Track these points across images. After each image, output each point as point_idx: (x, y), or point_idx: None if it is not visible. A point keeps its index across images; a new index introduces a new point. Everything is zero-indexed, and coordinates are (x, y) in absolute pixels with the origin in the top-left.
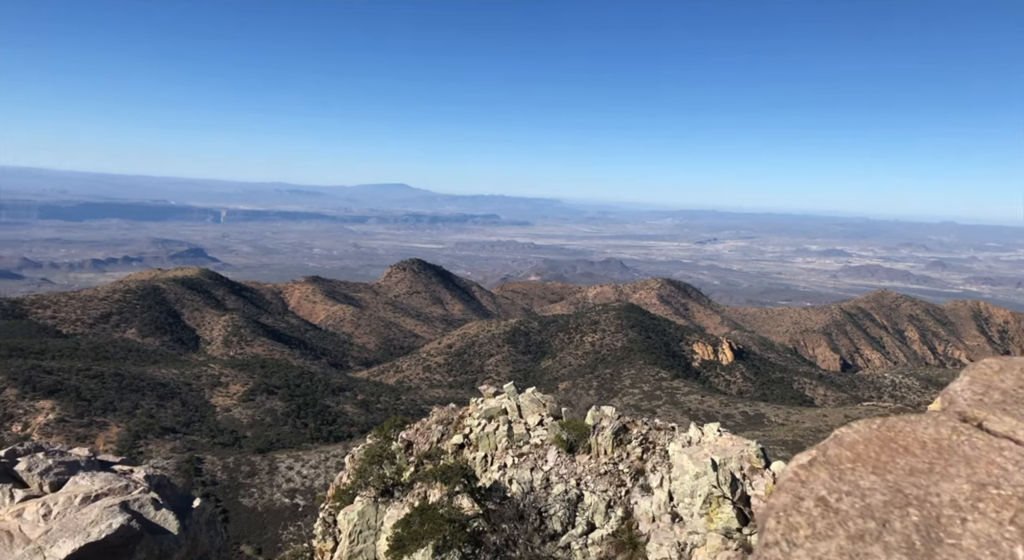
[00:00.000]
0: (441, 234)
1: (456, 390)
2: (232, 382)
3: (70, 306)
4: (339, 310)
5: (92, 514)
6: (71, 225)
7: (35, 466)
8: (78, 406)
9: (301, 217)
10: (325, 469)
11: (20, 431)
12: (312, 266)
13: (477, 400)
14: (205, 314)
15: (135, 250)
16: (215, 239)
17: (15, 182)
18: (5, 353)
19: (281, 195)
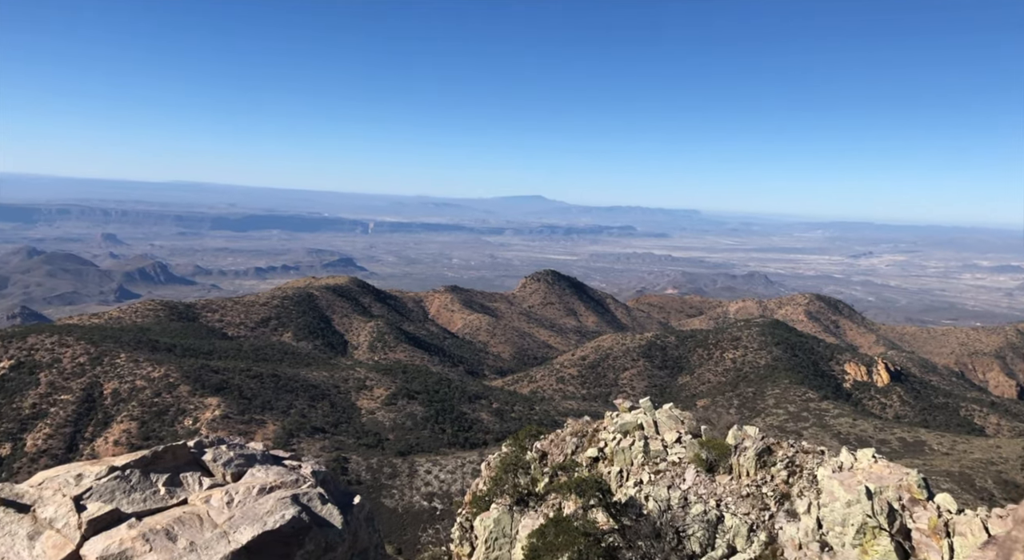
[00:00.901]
0: (575, 245)
1: (589, 403)
2: (376, 386)
3: (235, 311)
4: (476, 319)
5: (268, 505)
6: (238, 236)
7: (219, 457)
8: (240, 404)
9: (442, 229)
10: (462, 474)
11: (191, 425)
12: (451, 276)
13: (612, 414)
14: (353, 320)
15: (292, 259)
16: (363, 249)
17: (192, 196)
18: (180, 353)
19: (424, 207)
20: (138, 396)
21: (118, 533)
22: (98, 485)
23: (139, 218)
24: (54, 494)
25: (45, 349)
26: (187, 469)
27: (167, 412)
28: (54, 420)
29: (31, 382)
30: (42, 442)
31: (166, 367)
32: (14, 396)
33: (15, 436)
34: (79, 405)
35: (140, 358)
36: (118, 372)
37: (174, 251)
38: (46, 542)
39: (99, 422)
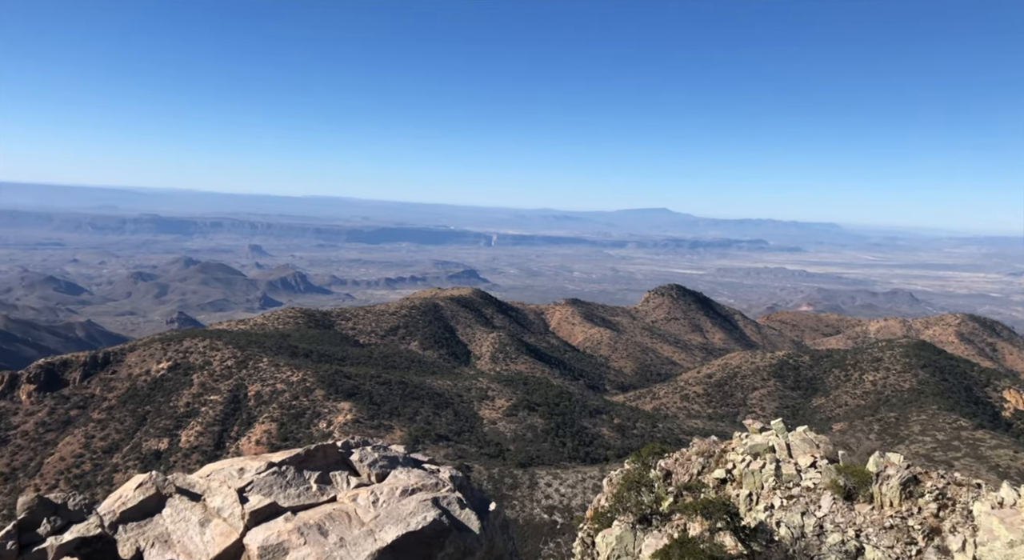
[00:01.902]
0: (702, 259)
1: (716, 422)
2: (498, 396)
3: (366, 319)
4: (596, 333)
5: (410, 506)
6: (370, 248)
7: (365, 458)
8: (370, 409)
9: (563, 241)
10: (583, 489)
11: (324, 428)
12: (572, 289)
13: (741, 435)
14: (476, 331)
15: (420, 270)
16: (486, 261)
17: (330, 210)
18: (316, 358)
19: (546, 220)
20: (278, 399)
21: (276, 525)
22: (258, 479)
23: (282, 231)
24: (220, 485)
25: (198, 352)
26: (336, 468)
27: (303, 415)
28: (204, 418)
29: (186, 382)
30: (194, 439)
31: (303, 372)
32: (171, 395)
33: (171, 432)
34: (226, 405)
35: (280, 363)
36: (261, 375)
37: (313, 262)
38: (214, 529)
39: (243, 422)
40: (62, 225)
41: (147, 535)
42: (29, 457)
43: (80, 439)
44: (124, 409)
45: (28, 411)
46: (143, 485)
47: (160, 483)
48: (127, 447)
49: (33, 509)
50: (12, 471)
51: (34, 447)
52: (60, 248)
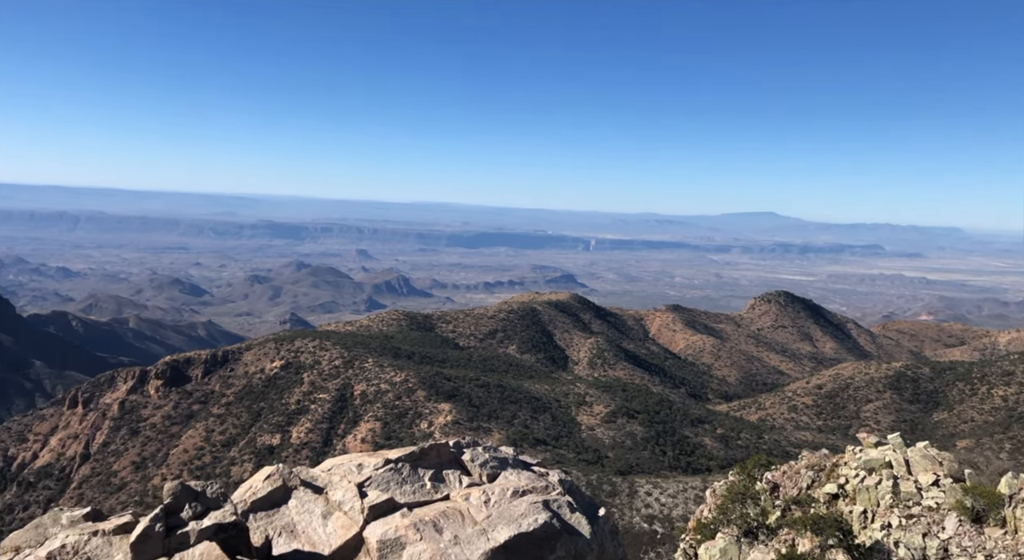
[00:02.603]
0: (812, 265)
1: (826, 435)
2: (596, 403)
3: (465, 322)
4: (699, 340)
5: (521, 507)
6: (470, 252)
7: (476, 458)
8: (469, 411)
9: (664, 246)
10: (684, 499)
11: (426, 428)
12: (672, 295)
13: (854, 449)
14: (573, 336)
15: (518, 275)
16: (584, 266)
17: (432, 215)
18: (418, 360)
19: (648, 225)
20: (382, 398)
21: (393, 520)
22: (376, 475)
23: (387, 236)
24: (341, 480)
25: (308, 352)
26: (448, 467)
27: (406, 415)
28: (314, 416)
29: (297, 381)
30: (304, 435)
31: (406, 373)
32: (283, 392)
33: (283, 428)
34: (334, 404)
35: (384, 363)
36: (366, 375)
37: (415, 266)
38: (336, 522)
39: (349, 420)
40: (187, 230)
41: (275, 524)
42: (157, 448)
43: (201, 432)
44: (240, 405)
45: (156, 405)
46: (271, 477)
47: (286, 475)
48: (243, 441)
49: (177, 495)
50: (143, 460)
51: (161, 439)
52: (185, 252)
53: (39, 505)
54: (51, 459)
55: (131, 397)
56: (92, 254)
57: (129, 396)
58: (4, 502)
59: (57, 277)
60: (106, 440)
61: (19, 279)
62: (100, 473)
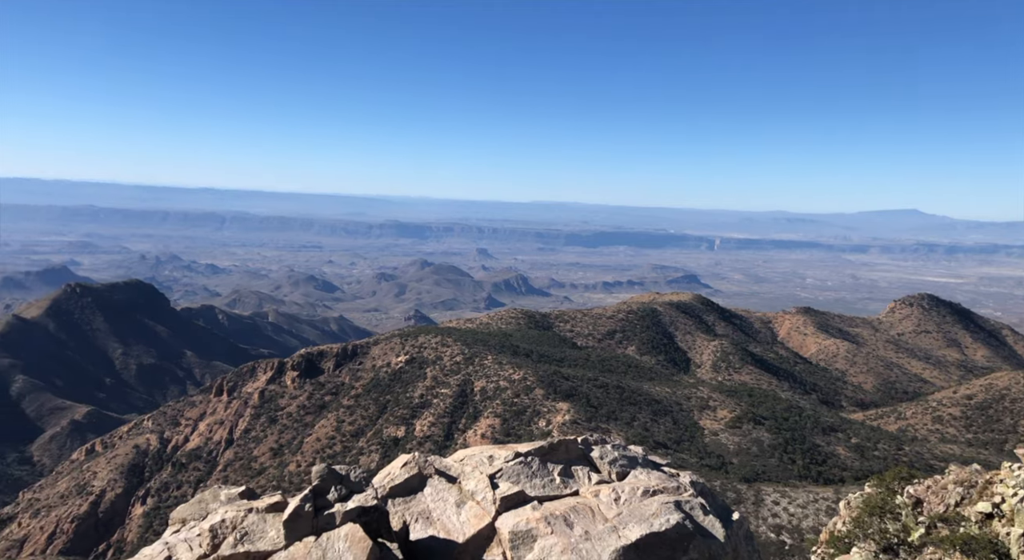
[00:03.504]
0: (960, 267)
1: (976, 449)
2: (720, 407)
3: (584, 322)
4: (832, 344)
5: (652, 507)
6: (588, 251)
7: (605, 455)
8: (587, 411)
9: (795, 246)
10: (814, 510)
11: (544, 427)
12: (804, 296)
13: (1012, 465)
14: (696, 338)
15: (637, 275)
16: (708, 266)
17: (551, 215)
18: (536, 358)
19: (777, 223)
20: (501, 395)
21: (524, 513)
22: (506, 467)
23: (506, 235)
24: (473, 470)
25: (431, 348)
26: (577, 463)
27: (524, 412)
28: (436, 410)
29: (420, 376)
30: (427, 428)
31: (524, 370)
32: (408, 386)
33: (408, 421)
34: (455, 399)
35: (503, 361)
36: (485, 372)
37: (534, 265)
38: (469, 511)
39: (470, 416)
40: (321, 230)
41: (411, 510)
42: (292, 436)
43: (332, 423)
44: (368, 397)
45: (292, 395)
46: (407, 464)
47: (422, 464)
48: (370, 432)
49: (324, 477)
50: (280, 447)
51: (296, 427)
52: (319, 250)
53: (190, 485)
54: (200, 443)
55: (270, 387)
56: (237, 252)
57: (268, 386)
58: (161, 480)
59: (206, 273)
60: (247, 427)
61: (173, 275)
62: (242, 457)
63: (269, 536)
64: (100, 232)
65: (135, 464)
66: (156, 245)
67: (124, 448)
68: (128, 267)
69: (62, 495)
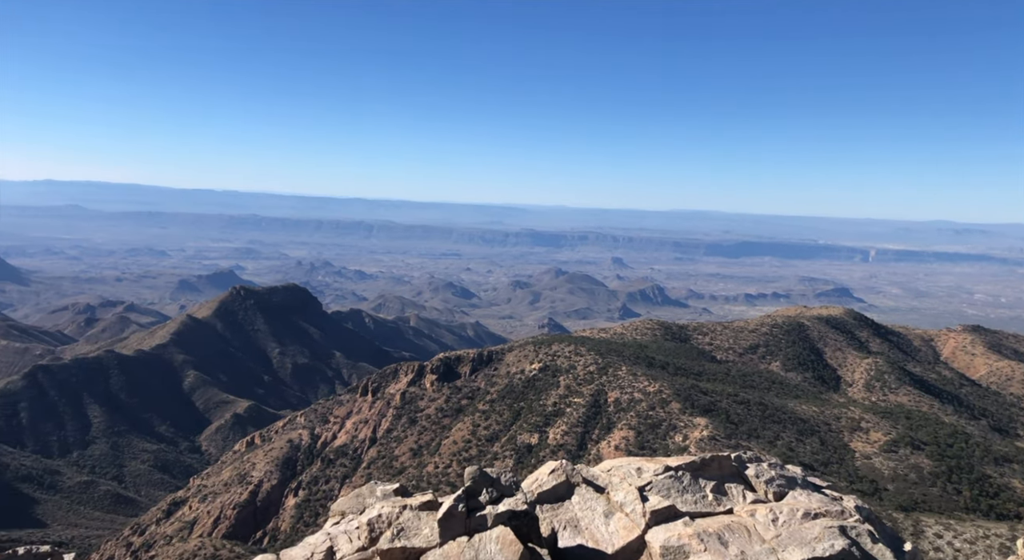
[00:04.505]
0: None
1: None
2: (873, 429)
3: (724, 335)
4: (1006, 366)
5: (815, 531)
6: (730, 262)
7: (761, 474)
8: (727, 427)
9: (961, 258)
10: (984, 547)
11: (680, 441)
12: (971, 313)
13: None
14: (847, 355)
15: (783, 287)
16: (862, 279)
17: (690, 224)
18: (672, 371)
19: (941, 234)
20: (635, 407)
21: (676, 528)
22: (656, 481)
23: (642, 244)
24: (621, 482)
25: (564, 356)
26: (730, 480)
27: (660, 426)
28: (569, 419)
29: (553, 384)
30: (560, 437)
31: (660, 383)
32: (541, 394)
33: (541, 429)
34: (588, 409)
35: (638, 372)
36: (619, 383)
37: (670, 275)
38: (618, 522)
39: (603, 426)
40: (460, 238)
41: (559, 518)
42: (431, 437)
43: (468, 426)
44: (502, 403)
45: (431, 397)
46: (555, 471)
47: (569, 472)
48: (504, 438)
49: (476, 479)
50: (419, 448)
51: (434, 429)
52: (458, 258)
53: (337, 480)
54: (346, 440)
55: (410, 389)
56: (382, 259)
57: (409, 388)
58: (311, 474)
59: (354, 279)
60: (389, 427)
61: (325, 280)
62: (384, 456)
63: (423, 533)
64: (262, 239)
65: (289, 458)
66: (311, 252)
67: (279, 442)
68: (286, 272)
69: (226, 483)
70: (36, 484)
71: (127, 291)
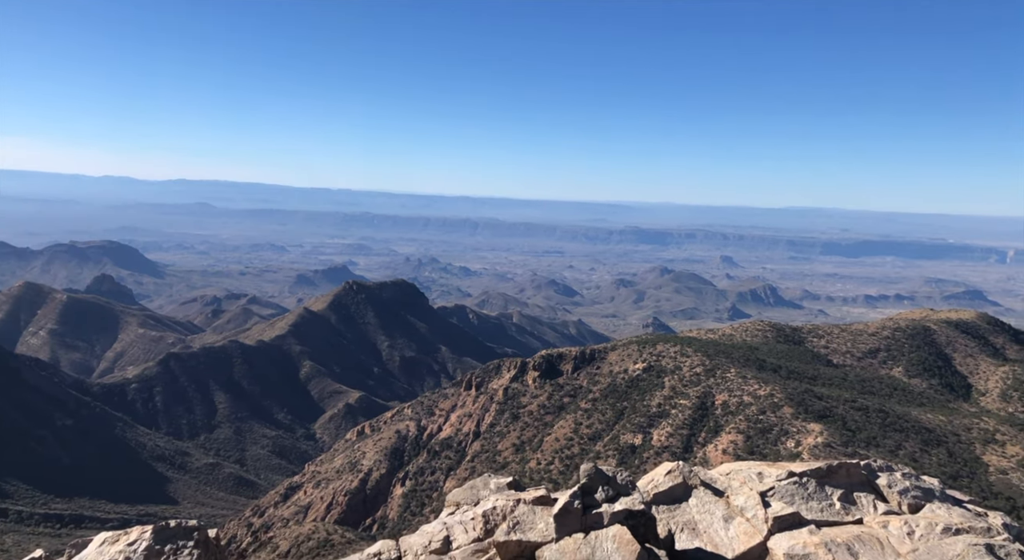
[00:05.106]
0: None
1: None
2: (1010, 442)
3: (841, 338)
4: None
5: (957, 547)
6: (848, 262)
7: (894, 484)
8: (843, 435)
9: None
10: None
11: (792, 447)
12: None
13: None
14: (980, 362)
15: (907, 288)
16: (997, 281)
17: (805, 222)
18: (784, 374)
19: None
20: (744, 411)
21: (801, 536)
22: (779, 486)
23: (753, 242)
24: (741, 486)
25: (669, 357)
26: (859, 489)
27: (770, 431)
28: (674, 421)
29: (657, 384)
30: (664, 439)
31: (771, 387)
32: (644, 394)
33: (644, 429)
34: (694, 411)
35: (748, 375)
36: (728, 385)
37: (784, 275)
38: (738, 527)
39: (710, 429)
40: (563, 236)
41: (676, 520)
42: (533, 433)
43: (571, 424)
44: (605, 402)
45: (533, 394)
46: (671, 473)
47: (686, 474)
48: (607, 438)
49: (592, 477)
50: (521, 443)
51: (536, 425)
52: (560, 256)
53: (442, 472)
54: (451, 433)
55: (513, 385)
56: (486, 256)
57: (511, 384)
58: (417, 465)
59: (459, 275)
60: (492, 421)
61: (432, 276)
62: (487, 450)
63: (538, 528)
64: (373, 236)
65: (396, 448)
66: (418, 248)
67: (387, 432)
68: (394, 268)
69: (338, 470)
70: (168, 464)
71: (250, 284)
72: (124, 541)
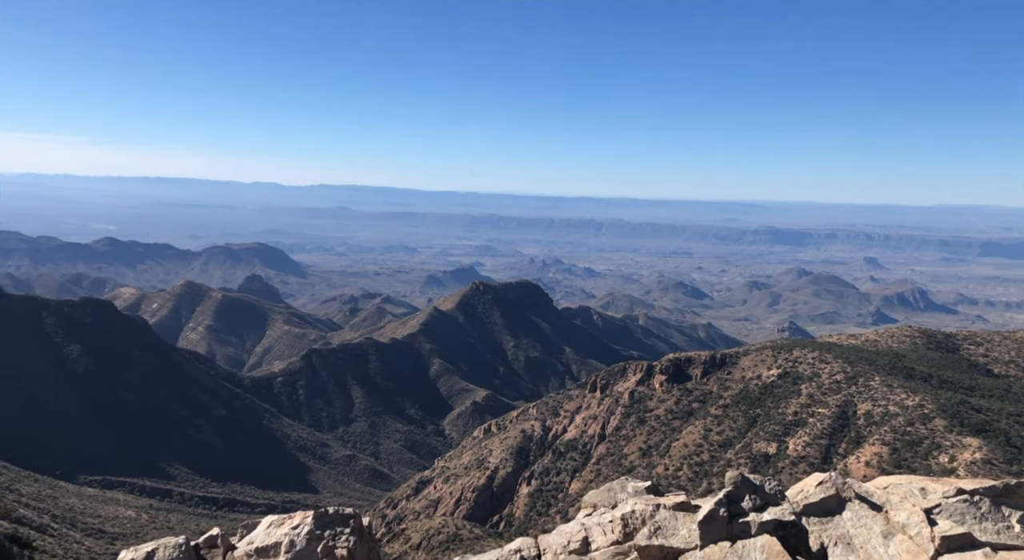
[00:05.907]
0: None
1: None
2: None
3: (1003, 346)
4: None
5: None
6: (1010, 263)
7: None
8: (1006, 451)
9: None
10: None
11: (946, 463)
12: None
13: None
14: None
15: None
16: None
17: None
18: (936, 384)
19: None
20: (890, 422)
21: (973, 558)
22: (946, 503)
23: (901, 243)
24: (902, 501)
25: (807, 363)
26: None
27: (920, 443)
28: (812, 430)
29: (794, 392)
30: (801, 448)
31: (921, 397)
32: (780, 401)
33: (779, 438)
34: (833, 420)
35: (894, 384)
36: (871, 394)
37: (935, 277)
38: (900, 545)
39: (851, 440)
40: (691, 236)
41: (829, 533)
42: (660, 438)
43: (700, 430)
44: (737, 409)
45: (660, 398)
46: (823, 483)
47: (839, 485)
48: (739, 445)
49: (738, 484)
50: (648, 448)
51: (663, 430)
52: (688, 257)
53: (567, 473)
54: (576, 434)
55: (639, 388)
56: (611, 257)
57: (637, 387)
58: (543, 465)
59: (583, 276)
60: (618, 425)
61: (556, 277)
62: (613, 454)
63: (681, 534)
64: (499, 237)
65: (522, 447)
66: (543, 249)
67: (513, 431)
68: (519, 269)
69: (466, 467)
70: (310, 454)
71: (384, 284)
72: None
